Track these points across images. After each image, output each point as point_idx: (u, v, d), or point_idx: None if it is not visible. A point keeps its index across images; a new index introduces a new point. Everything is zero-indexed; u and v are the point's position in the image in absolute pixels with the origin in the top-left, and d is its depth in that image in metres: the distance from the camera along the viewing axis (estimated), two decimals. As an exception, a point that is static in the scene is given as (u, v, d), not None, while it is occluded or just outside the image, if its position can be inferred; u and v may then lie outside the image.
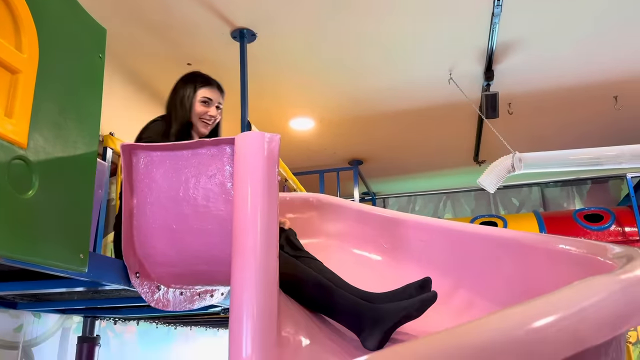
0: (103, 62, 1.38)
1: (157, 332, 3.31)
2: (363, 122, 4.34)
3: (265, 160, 1.31)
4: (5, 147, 1.03)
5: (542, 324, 0.54)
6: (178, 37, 3.05)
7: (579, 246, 1.18)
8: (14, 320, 2.23)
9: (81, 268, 1.20)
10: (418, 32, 3.12)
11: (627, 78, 3.72)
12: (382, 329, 1.26)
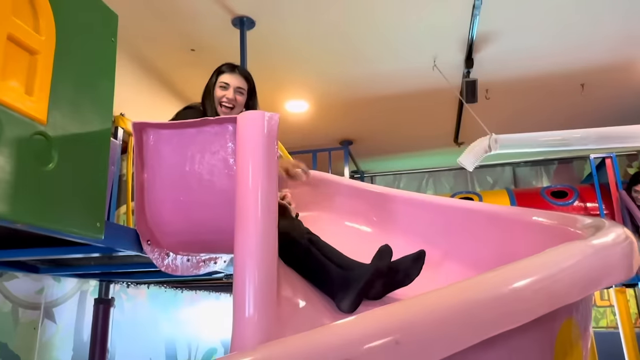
0: (115, 45, 1.35)
1: (165, 295, 3.34)
2: (353, 105, 4.31)
3: (265, 137, 1.30)
4: (26, 123, 1.01)
5: (522, 284, 0.55)
6: (182, 24, 3.00)
7: (551, 218, 1.19)
8: (36, 284, 2.24)
9: (98, 235, 1.20)
10: (406, 23, 3.09)
11: (593, 67, 3.73)
12: (354, 290, 1.26)
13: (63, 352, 2.35)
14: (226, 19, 2.90)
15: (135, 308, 3.02)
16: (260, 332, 1.11)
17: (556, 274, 0.58)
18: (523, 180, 6.09)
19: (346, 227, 1.97)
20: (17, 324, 2.10)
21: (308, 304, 1.28)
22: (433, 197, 1.86)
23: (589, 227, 0.92)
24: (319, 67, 3.66)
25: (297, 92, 4.07)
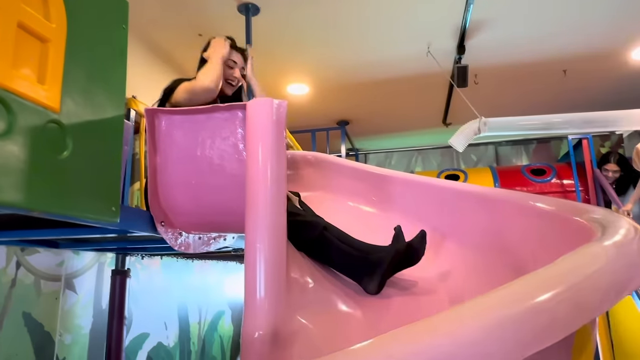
0: (126, 32, 1.25)
1: (177, 264, 3.31)
2: (351, 88, 4.22)
3: (274, 124, 1.23)
4: (39, 111, 0.93)
5: (547, 297, 0.48)
6: (190, 11, 2.89)
7: (549, 204, 1.13)
8: (57, 257, 2.20)
9: (113, 219, 1.14)
10: (403, 12, 2.99)
11: (575, 55, 3.65)
12: (379, 273, 1.22)
13: (83, 319, 2.33)
14: (232, 5, 2.78)
15: (150, 277, 2.99)
16: (271, 313, 1.07)
17: (582, 281, 0.51)
18: (504, 159, 6.05)
19: (348, 207, 1.92)
20: (39, 294, 2.06)
21: (316, 284, 1.23)
22: (429, 178, 1.79)
23: (593, 220, 0.85)
24: (318, 53, 3.56)
25: (298, 76, 3.97)
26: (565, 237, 1.05)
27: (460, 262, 1.47)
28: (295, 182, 2.06)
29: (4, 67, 0.85)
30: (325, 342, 1.10)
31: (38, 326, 2.03)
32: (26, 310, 1.98)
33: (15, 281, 1.94)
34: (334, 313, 1.18)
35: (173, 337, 3.21)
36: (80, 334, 2.30)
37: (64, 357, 2.17)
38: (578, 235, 0.91)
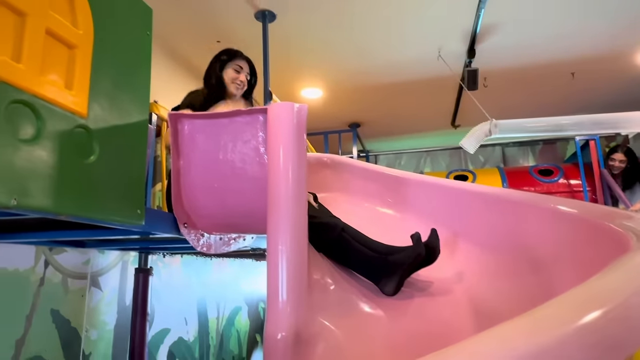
0: (150, 38, 1.23)
1: (197, 262, 3.30)
2: (362, 92, 4.18)
3: (295, 127, 1.19)
4: (67, 117, 0.91)
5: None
6: (210, 18, 2.87)
7: (582, 209, 1.05)
8: (83, 256, 2.19)
9: (139, 222, 1.11)
10: (415, 17, 2.94)
11: (583, 58, 3.56)
12: (398, 275, 1.18)
13: (108, 315, 2.32)
14: (250, 12, 2.75)
15: (171, 274, 2.98)
16: (293, 315, 1.03)
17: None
18: (511, 159, 5.94)
19: (364, 207, 1.87)
20: (67, 292, 2.05)
21: (336, 285, 1.19)
22: (443, 179, 1.74)
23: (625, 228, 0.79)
24: (332, 58, 3.52)
25: (312, 81, 3.93)
26: (589, 240, 1.00)
27: (476, 263, 1.42)
28: (311, 184, 2.02)
29: (32, 73, 0.82)
30: (348, 343, 1.06)
31: (65, 322, 2.02)
32: (54, 307, 1.97)
33: (44, 279, 1.93)
34: (355, 314, 1.13)
35: (193, 332, 3.19)
36: (105, 330, 2.29)
37: (90, 352, 2.16)
38: (607, 241, 0.86)
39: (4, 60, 0.76)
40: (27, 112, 0.81)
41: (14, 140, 0.78)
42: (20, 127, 0.80)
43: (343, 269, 1.29)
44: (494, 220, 1.46)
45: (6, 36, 0.78)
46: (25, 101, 0.80)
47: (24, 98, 0.80)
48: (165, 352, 2.84)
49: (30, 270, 1.87)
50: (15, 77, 0.78)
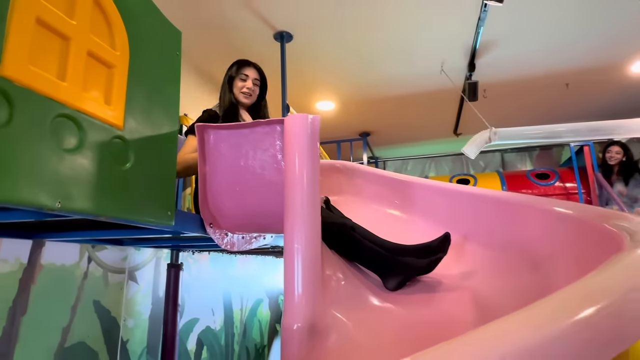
0: (179, 58, 1.24)
1: (223, 258, 3.31)
2: (371, 103, 4.17)
3: (309, 136, 1.19)
4: (106, 129, 0.92)
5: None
6: (233, 39, 2.90)
7: (579, 210, 1.01)
8: (121, 252, 2.22)
9: (169, 222, 1.12)
10: (419, 34, 2.92)
11: (577, 69, 3.49)
12: (401, 276, 1.16)
13: (144, 306, 2.34)
14: (269, 34, 2.77)
15: (200, 270, 3.00)
16: (308, 307, 1.02)
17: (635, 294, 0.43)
18: (510, 164, 5.83)
19: (372, 209, 1.85)
20: (107, 285, 2.08)
21: (347, 281, 1.17)
22: (447, 184, 1.71)
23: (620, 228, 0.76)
24: (343, 74, 3.52)
25: (325, 94, 3.94)
26: (584, 240, 0.96)
27: (481, 263, 1.38)
28: (325, 188, 2.01)
29: (75, 90, 0.84)
30: (358, 334, 1.04)
31: (106, 312, 2.05)
32: (96, 299, 1.99)
33: (87, 274, 1.96)
34: (365, 307, 1.12)
35: (219, 322, 3.20)
36: (141, 319, 2.31)
37: (128, 339, 2.18)
38: (601, 241, 0.83)
39: (50, 79, 0.78)
40: (71, 124, 0.83)
41: (58, 150, 0.79)
42: (64, 138, 0.81)
43: (353, 265, 1.28)
44: (495, 221, 1.43)
45: (52, 58, 0.80)
46: (68, 115, 0.82)
47: (68, 112, 0.81)
48: (195, 340, 2.86)
49: (75, 265, 1.91)
50: (60, 93, 0.80)
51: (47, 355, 1.72)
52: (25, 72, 0.73)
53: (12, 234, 1.46)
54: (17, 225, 1.40)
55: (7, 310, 1.57)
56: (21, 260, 1.65)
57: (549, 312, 0.44)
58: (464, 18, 2.66)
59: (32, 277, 1.69)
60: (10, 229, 1.44)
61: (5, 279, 1.58)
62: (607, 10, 2.66)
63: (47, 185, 0.75)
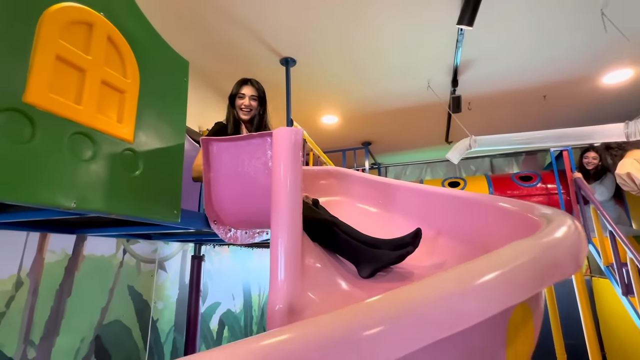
0: (186, 83, 1.30)
1: (241, 251, 3.37)
2: (370, 117, 4.16)
3: (292, 146, 1.21)
4: (118, 142, 0.98)
5: (487, 279, 0.44)
6: (246, 64, 2.96)
7: (513, 204, 1.03)
8: (152, 246, 2.29)
9: (176, 220, 1.17)
10: (408, 57, 2.91)
11: (553, 82, 3.38)
12: (373, 266, 1.16)
13: (172, 291, 2.41)
14: (275, 60, 2.82)
15: (221, 261, 3.06)
16: (288, 291, 1.04)
17: (510, 273, 0.45)
18: (498, 168, 5.69)
19: (359, 207, 1.87)
20: (139, 273, 2.15)
21: (324, 267, 1.19)
22: (423, 185, 1.70)
23: (542, 216, 0.77)
24: (344, 91, 3.54)
25: (329, 110, 3.96)
26: (524, 231, 0.96)
27: (451, 254, 1.37)
28: (321, 189, 2.03)
29: (90, 112, 0.90)
30: (327, 311, 1.06)
31: (138, 295, 2.12)
32: (130, 284, 2.07)
33: (123, 263, 2.04)
34: (337, 291, 1.13)
35: (239, 306, 3.25)
36: (169, 302, 2.38)
37: (158, 318, 2.25)
38: (529, 226, 0.83)
39: (68, 103, 0.84)
40: (86, 140, 0.89)
41: (75, 160, 0.85)
42: (80, 150, 0.87)
43: (332, 255, 1.30)
44: (461, 217, 1.42)
45: (70, 86, 0.86)
46: (84, 132, 0.88)
47: (83, 130, 0.87)
48: (217, 320, 2.92)
49: (112, 256, 1.99)
50: (76, 115, 0.86)
51: (89, 329, 1.80)
52: (45, 98, 0.79)
53: (57, 229, 1.55)
54: (60, 222, 1.48)
55: (54, 293, 1.66)
56: (66, 251, 1.74)
57: (459, 276, 0.47)
58: (445, 40, 2.64)
59: (76, 265, 1.78)
60: (55, 225, 1.52)
61: (53, 267, 1.67)
62: (579, 29, 2.59)
63: (63, 189, 0.81)
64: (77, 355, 1.71)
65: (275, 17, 2.44)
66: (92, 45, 0.92)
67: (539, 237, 0.57)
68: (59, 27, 0.83)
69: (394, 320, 0.45)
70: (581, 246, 0.56)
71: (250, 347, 0.41)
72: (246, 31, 2.55)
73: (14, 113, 0.73)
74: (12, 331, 1.47)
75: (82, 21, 0.90)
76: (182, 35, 2.55)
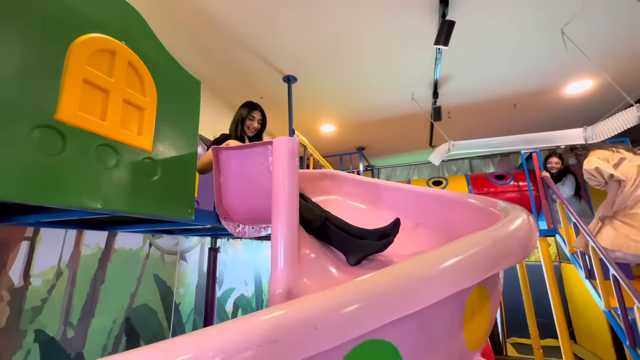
0: (199, 100, 1.31)
1: (253, 243, 3.38)
2: (364, 125, 4.15)
3: (289, 152, 1.22)
4: (138, 152, 0.99)
5: (449, 264, 0.45)
6: (253, 82, 2.97)
7: (480, 200, 1.03)
8: (174, 240, 2.31)
9: (190, 217, 1.18)
10: (393, 74, 2.91)
11: (522, 93, 3.36)
12: (360, 254, 1.17)
13: (192, 278, 2.42)
14: (278, 77, 2.83)
15: (235, 252, 3.07)
16: (287, 278, 1.05)
17: (463, 261, 0.46)
18: (476, 168, 5.66)
19: (350, 205, 1.87)
20: (164, 263, 2.17)
21: (317, 257, 1.20)
22: (405, 185, 1.70)
23: (502, 210, 0.77)
24: (340, 104, 3.54)
25: (327, 120, 3.96)
26: (486, 221, 0.96)
27: (428, 244, 1.38)
28: (316, 189, 2.04)
29: (114, 126, 0.91)
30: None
31: (163, 283, 2.14)
32: (155, 273, 2.09)
33: (149, 255, 2.06)
34: (328, 277, 1.14)
35: (251, 290, 3.27)
36: (190, 288, 2.39)
37: (180, 302, 2.27)
38: (492, 219, 0.83)
39: (94, 120, 0.86)
40: (110, 150, 0.90)
41: (100, 168, 0.87)
42: (105, 159, 0.89)
43: (325, 245, 1.30)
44: (437, 211, 1.42)
45: (96, 105, 0.88)
46: (108, 144, 0.89)
47: (107, 142, 0.89)
48: (232, 304, 2.93)
49: (139, 249, 2.01)
50: (101, 129, 0.88)
51: (120, 311, 1.82)
52: (74, 116, 0.81)
53: (90, 227, 1.57)
54: (93, 220, 1.51)
55: (89, 281, 1.68)
56: (100, 245, 1.76)
57: (424, 261, 0.48)
58: (426, 59, 2.65)
59: (108, 257, 1.80)
60: (89, 223, 1.54)
61: (88, 259, 1.69)
62: (543, 46, 2.58)
63: (91, 192, 0.83)
64: (110, 334, 1.74)
65: (277, 40, 2.46)
66: (115, 69, 0.93)
67: (493, 229, 0.57)
68: (86, 54, 0.85)
69: (368, 299, 0.46)
70: (531, 237, 0.57)
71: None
72: (252, 53, 2.57)
73: (47, 129, 0.75)
74: (54, 314, 1.49)
75: (106, 49, 0.91)
76: (196, 56, 2.57)
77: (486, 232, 0.55)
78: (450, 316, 0.50)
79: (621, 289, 1.96)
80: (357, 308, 0.44)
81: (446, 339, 0.47)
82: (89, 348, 1.60)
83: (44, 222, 1.30)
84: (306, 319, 0.41)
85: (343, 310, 0.43)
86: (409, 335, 0.43)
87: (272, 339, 0.35)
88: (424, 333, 0.45)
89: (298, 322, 0.41)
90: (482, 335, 0.54)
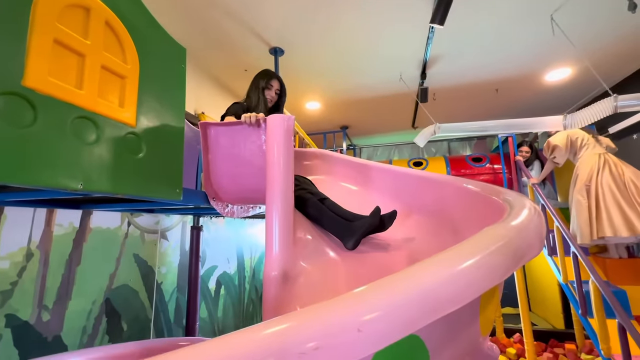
0: (184, 70, 1.19)
1: (235, 222, 3.32)
2: (348, 104, 4.08)
3: (285, 131, 1.17)
4: (121, 126, 0.90)
5: (472, 262, 0.42)
6: (238, 54, 2.79)
7: (476, 186, 1.03)
8: (154, 218, 2.21)
9: (178, 197, 1.11)
10: (383, 52, 2.82)
11: (504, 78, 3.41)
12: (355, 236, 1.16)
13: (174, 257, 2.36)
14: (265, 49, 2.67)
15: (217, 230, 3.01)
16: (282, 260, 1.03)
17: (492, 255, 0.44)
18: (454, 150, 5.81)
19: (341, 185, 1.85)
20: (144, 242, 2.08)
21: (313, 239, 1.18)
22: (397, 167, 1.69)
23: (505, 200, 0.77)
24: (326, 80, 3.42)
25: (313, 97, 3.85)
26: (485, 210, 0.97)
27: (420, 228, 1.39)
28: (308, 170, 2.00)
29: (92, 96, 0.81)
30: (319, 279, 1.06)
31: (143, 262, 2.06)
32: (135, 252, 2.00)
33: (128, 234, 1.96)
34: (325, 260, 1.13)
35: (233, 268, 3.25)
36: (172, 267, 2.33)
37: (162, 281, 2.21)
38: (494, 210, 0.84)
39: (69, 88, 0.75)
40: (89, 124, 0.80)
41: (79, 144, 0.77)
42: (84, 134, 0.79)
43: (320, 229, 1.29)
44: (428, 195, 1.43)
45: (70, 71, 0.76)
46: (86, 116, 0.79)
47: (86, 114, 0.79)
48: (215, 281, 2.91)
49: (118, 228, 1.90)
50: (78, 99, 0.77)
51: (99, 292, 1.74)
52: (45, 82, 0.70)
53: (63, 205, 1.45)
54: (66, 200, 1.38)
55: (64, 262, 1.57)
56: (74, 224, 1.64)
57: (440, 263, 0.46)
58: (417, 38, 2.58)
59: (84, 237, 1.69)
60: (62, 203, 1.42)
61: (62, 239, 1.57)
62: (526, 34, 2.59)
63: (69, 171, 0.74)
64: (90, 316, 1.66)
65: (264, 10, 2.28)
66: (90, 29, 0.81)
67: (509, 221, 0.56)
68: (54, 9, 0.72)
69: (389, 307, 0.43)
70: (543, 227, 0.57)
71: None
72: (238, 22, 2.38)
73: (14, 97, 0.64)
74: (26, 297, 1.39)
75: (78, 4, 0.78)
76: (178, 23, 2.35)
77: (507, 225, 0.54)
78: (471, 307, 0.50)
79: (579, 264, 2.14)
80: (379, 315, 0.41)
81: (466, 329, 0.47)
82: (67, 330, 1.53)
83: (10, 202, 1.17)
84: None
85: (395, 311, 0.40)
86: (435, 328, 0.42)
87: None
88: (448, 325, 0.44)
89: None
90: (492, 321, 0.55)
